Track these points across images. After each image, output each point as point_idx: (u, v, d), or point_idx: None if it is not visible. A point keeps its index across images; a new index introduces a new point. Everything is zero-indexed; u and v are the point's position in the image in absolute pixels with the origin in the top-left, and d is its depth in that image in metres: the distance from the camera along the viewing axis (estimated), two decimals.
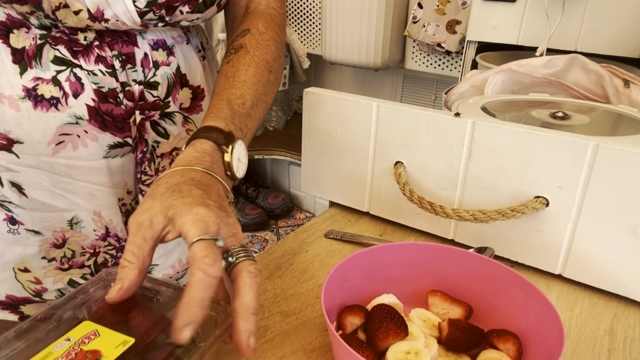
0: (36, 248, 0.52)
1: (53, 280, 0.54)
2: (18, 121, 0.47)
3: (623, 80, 0.78)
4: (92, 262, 0.55)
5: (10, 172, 0.48)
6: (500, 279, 0.44)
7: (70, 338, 0.32)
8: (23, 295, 0.53)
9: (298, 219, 2.18)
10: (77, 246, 0.54)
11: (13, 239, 0.51)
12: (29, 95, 0.47)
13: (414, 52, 1.76)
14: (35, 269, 0.53)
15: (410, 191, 0.58)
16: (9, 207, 0.50)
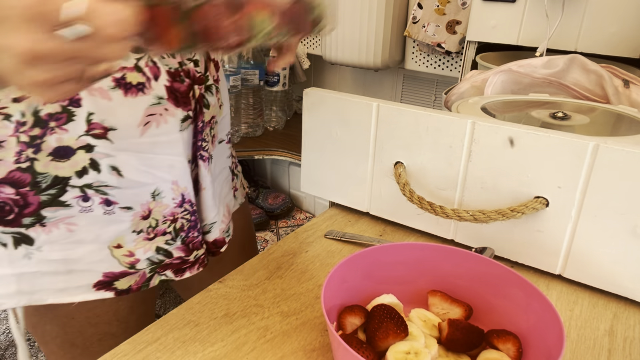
0: (128, 223, 0.57)
1: (143, 250, 0.59)
2: (111, 110, 0.52)
3: (623, 80, 0.78)
4: (172, 228, 0.60)
5: (109, 158, 0.53)
6: (500, 279, 0.44)
7: None
8: (120, 270, 0.58)
9: (298, 219, 2.19)
10: (159, 215, 0.59)
11: (108, 220, 0.56)
12: (118, 84, 0.52)
13: (414, 53, 1.76)
14: (127, 243, 0.58)
15: (410, 191, 0.58)
16: (105, 190, 0.55)
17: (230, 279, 0.55)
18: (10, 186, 0.52)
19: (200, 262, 0.64)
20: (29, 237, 0.54)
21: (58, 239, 0.55)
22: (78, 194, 0.54)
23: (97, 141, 0.52)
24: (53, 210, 0.53)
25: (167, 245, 0.60)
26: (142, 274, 0.60)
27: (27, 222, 0.53)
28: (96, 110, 0.52)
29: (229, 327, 0.47)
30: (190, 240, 0.62)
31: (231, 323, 0.48)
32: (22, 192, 0.52)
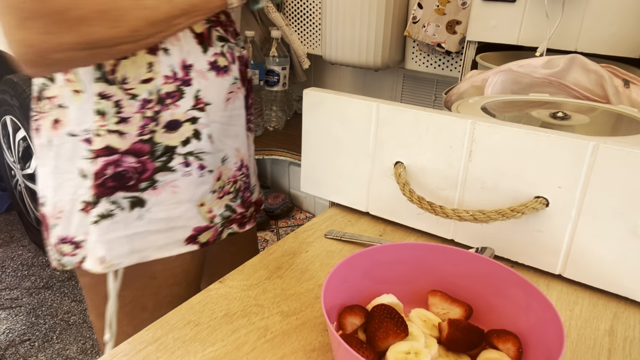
0: (210, 185, 0.68)
1: (217, 207, 0.70)
2: (208, 88, 0.64)
3: (623, 80, 0.78)
4: (234, 189, 0.72)
5: (207, 127, 0.65)
6: (500, 279, 0.44)
7: None
8: (204, 224, 0.69)
9: (298, 219, 2.19)
10: (226, 178, 0.71)
11: (200, 182, 0.66)
12: (212, 67, 0.65)
13: (414, 52, 1.76)
14: (208, 202, 0.68)
15: (410, 191, 0.58)
16: (201, 156, 0.65)
17: (230, 279, 0.55)
18: (133, 156, 0.61)
19: (253, 217, 0.77)
20: (143, 200, 0.63)
21: (164, 200, 0.64)
22: (182, 161, 0.64)
23: (200, 113, 0.64)
24: (163, 174, 0.63)
25: (232, 203, 0.72)
26: (216, 228, 0.70)
27: (143, 186, 0.63)
28: (201, 88, 0.63)
29: (229, 327, 0.47)
30: (246, 198, 0.74)
31: (231, 323, 0.48)
32: (142, 160, 0.62)
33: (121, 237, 0.63)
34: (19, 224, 2.33)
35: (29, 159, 1.93)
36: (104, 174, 0.60)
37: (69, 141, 0.61)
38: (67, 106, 0.60)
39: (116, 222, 0.62)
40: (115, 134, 0.60)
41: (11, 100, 1.83)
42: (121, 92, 0.59)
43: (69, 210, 0.63)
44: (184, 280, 0.71)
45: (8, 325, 1.71)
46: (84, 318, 1.76)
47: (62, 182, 0.63)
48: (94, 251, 0.63)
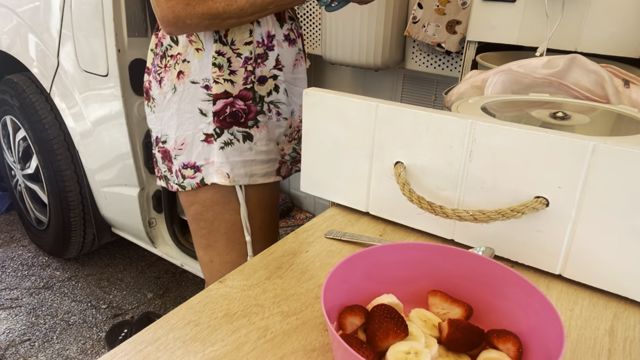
0: (283, 129, 0.92)
1: (287, 147, 0.95)
2: (283, 54, 0.88)
3: (623, 80, 0.78)
4: (297, 136, 0.96)
5: (283, 83, 0.89)
6: (500, 279, 0.44)
7: None
8: (279, 159, 0.93)
9: (298, 219, 2.18)
10: (294, 126, 0.95)
11: (277, 124, 0.91)
12: (285, 39, 0.88)
13: (414, 52, 1.76)
14: (281, 142, 0.93)
15: (410, 191, 0.58)
16: (278, 105, 0.89)
17: (231, 279, 0.55)
18: (241, 100, 0.84)
19: None
20: (251, 135, 0.87)
21: (264, 136, 0.88)
22: (267, 107, 0.88)
23: (279, 72, 0.87)
24: (261, 116, 0.87)
25: (296, 146, 0.96)
26: (287, 165, 0.96)
27: (250, 124, 0.86)
28: (279, 53, 0.87)
29: (229, 327, 0.47)
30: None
31: (231, 323, 0.48)
32: (247, 104, 0.85)
33: (239, 161, 0.87)
34: (19, 224, 2.33)
35: (29, 159, 1.93)
36: (225, 112, 0.84)
37: (191, 87, 0.83)
38: (190, 61, 0.82)
39: (235, 149, 0.86)
40: (229, 82, 0.83)
41: (11, 100, 1.83)
42: (231, 51, 0.82)
43: (190, 142, 0.86)
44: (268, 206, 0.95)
45: (8, 325, 1.71)
46: (84, 318, 1.76)
47: (183, 121, 0.84)
48: (221, 169, 0.86)
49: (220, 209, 0.91)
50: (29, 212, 2.08)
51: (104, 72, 1.45)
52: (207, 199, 0.90)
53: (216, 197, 0.89)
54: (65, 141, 1.72)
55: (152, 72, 0.89)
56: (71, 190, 1.78)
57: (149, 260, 2.10)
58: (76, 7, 1.44)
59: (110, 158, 1.60)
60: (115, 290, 1.92)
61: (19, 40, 1.71)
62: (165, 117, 0.87)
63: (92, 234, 1.90)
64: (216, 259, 0.95)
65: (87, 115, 1.58)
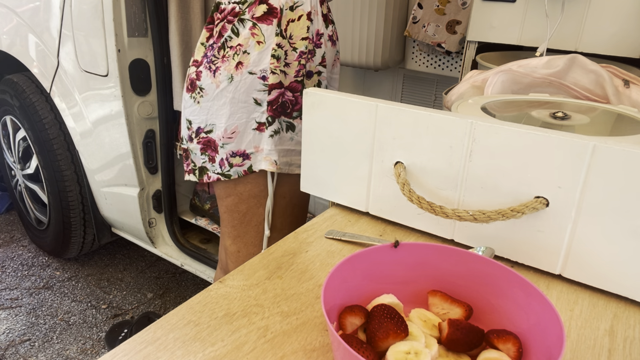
0: None
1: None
2: (327, 53, 0.94)
3: (623, 80, 0.78)
4: None
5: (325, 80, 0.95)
6: (500, 279, 0.44)
7: None
8: None
9: None
10: None
11: None
12: (329, 39, 0.95)
13: (414, 52, 1.76)
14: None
15: (410, 191, 0.58)
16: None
17: (231, 279, 0.55)
18: (290, 91, 0.89)
19: None
20: (294, 125, 0.92)
21: (301, 129, 0.84)
22: None
23: (323, 69, 0.93)
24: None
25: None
26: None
27: (295, 115, 0.91)
28: (325, 51, 0.93)
29: (229, 327, 0.47)
30: None
31: (231, 323, 0.48)
32: (296, 96, 0.90)
33: (283, 149, 0.91)
34: (19, 224, 2.33)
35: (29, 159, 1.93)
36: (278, 101, 0.88)
37: (249, 77, 0.87)
38: (250, 52, 0.87)
39: (281, 138, 0.91)
40: (282, 74, 0.87)
41: (11, 100, 1.83)
42: (288, 44, 0.87)
43: (242, 131, 0.90)
44: (295, 196, 0.99)
45: (8, 325, 1.71)
46: (84, 318, 1.76)
47: (237, 110, 0.88)
48: (269, 156, 0.91)
49: (255, 202, 0.95)
50: (29, 212, 2.08)
51: (104, 72, 1.45)
52: (245, 191, 0.95)
53: (254, 190, 0.95)
54: (65, 141, 1.72)
55: (202, 63, 0.92)
56: (71, 190, 1.78)
57: (149, 260, 2.10)
58: (76, 7, 1.44)
59: (110, 158, 1.60)
60: (115, 290, 1.92)
61: (19, 40, 1.71)
62: (214, 107, 0.91)
63: (92, 234, 1.90)
64: (243, 250, 1.00)
65: (87, 115, 1.58)
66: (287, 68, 0.88)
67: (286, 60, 0.88)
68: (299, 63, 0.88)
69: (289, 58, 0.88)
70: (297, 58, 0.88)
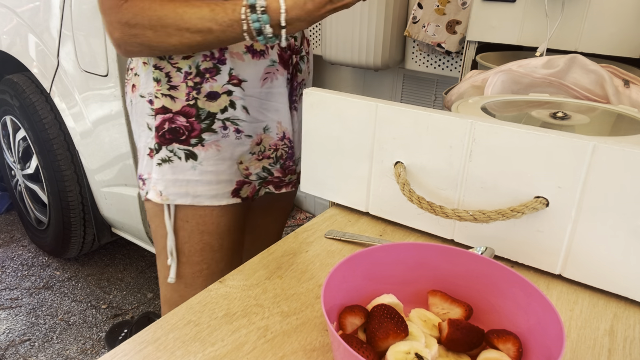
0: (248, 147, 0.83)
1: (254, 167, 0.85)
2: (243, 67, 0.78)
3: (623, 80, 0.78)
4: (274, 155, 0.86)
5: (241, 100, 0.79)
6: (500, 279, 0.44)
7: None
8: (241, 179, 0.84)
9: (298, 219, 2.19)
10: (267, 144, 0.85)
11: (237, 143, 0.81)
12: (248, 50, 0.77)
13: (414, 52, 1.76)
14: (245, 161, 0.84)
15: (410, 191, 0.58)
16: (237, 122, 0.80)
17: (231, 279, 0.55)
18: (183, 116, 0.78)
19: (293, 184, 0.91)
20: (195, 154, 0.79)
21: (211, 156, 0.80)
22: (221, 125, 0.79)
23: (235, 88, 0.78)
24: (208, 134, 0.79)
25: (270, 167, 0.86)
26: (254, 186, 0.86)
27: (193, 142, 0.79)
28: (234, 67, 0.77)
29: (229, 327, 0.47)
30: (287, 166, 0.88)
31: (231, 323, 0.48)
32: (190, 121, 0.78)
33: (178, 179, 0.80)
34: (19, 224, 2.33)
35: (29, 159, 1.93)
36: (163, 128, 0.78)
37: (140, 101, 0.80)
38: (139, 74, 0.80)
39: (174, 167, 0.80)
40: (168, 97, 0.77)
41: (11, 100, 1.83)
42: (169, 65, 0.76)
43: (142, 155, 0.84)
44: (216, 232, 0.85)
45: (8, 325, 1.71)
46: (84, 318, 1.76)
47: (140, 133, 0.83)
48: (156, 186, 0.81)
49: (157, 224, 0.86)
50: (29, 212, 2.08)
51: (104, 72, 1.45)
52: (149, 209, 0.87)
53: (154, 211, 0.86)
54: (65, 141, 1.72)
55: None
56: (71, 190, 1.78)
57: (149, 260, 2.10)
58: (76, 7, 1.44)
59: (110, 158, 1.60)
60: (115, 290, 1.92)
61: (19, 40, 1.71)
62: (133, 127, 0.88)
63: (92, 234, 1.90)
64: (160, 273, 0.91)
65: (87, 115, 1.58)
66: (175, 91, 0.77)
67: (170, 82, 0.76)
68: (187, 85, 0.76)
69: (173, 80, 0.76)
70: (183, 79, 0.76)
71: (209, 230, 0.84)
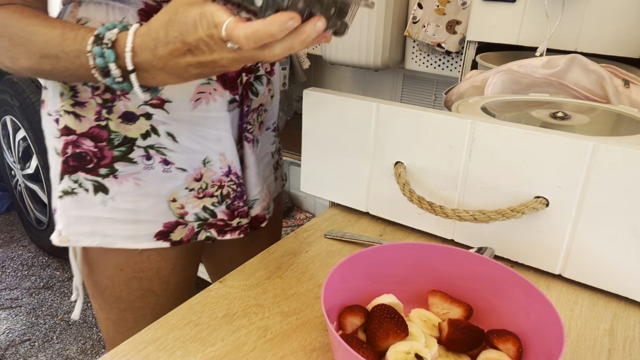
0: (182, 181, 0.66)
1: (192, 205, 0.67)
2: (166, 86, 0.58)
3: (623, 80, 0.78)
4: (219, 193, 0.68)
5: (165, 125, 0.62)
6: (500, 279, 0.44)
7: None
8: (173, 219, 0.67)
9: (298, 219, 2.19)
10: (209, 180, 0.67)
11: (166, 177, 0.64)
12: None
13: (414, 52, 1.76)
14: (180, 198, 0.66)
15: (410, 191, 0.58)
16: (163, 151, 0.63)
17: (231, 279, 0.55)
18: (91, 140, 0.62)
19: (242, 229, 0.71)
20: (105, 187, 0.63)
21: (128, 190, 0.63)
22: (142, 153, 0.62)
23: (155, 110, 0.61)
24: (124, 165, 0.62)
25: (213, 207, 0.69)
26: (191, 228, 0.68)
27: (103, 172, 0.63)
28: None
29: (229, 327, 0.47)
30: (236, 208, 0.70)
31: (231, 323, 0.48)
32: (100, 146, 0.62)
33: (83, 216, 0.64)
34: (19, 224, 2.33)
35: (29, 159, 1.93)
36: (66, 152, 0.62)
37: (48, 120, 0.65)
38: (47, 87, 0.65)
39: (78, 201, 0.63)
40: (72, 115, 0.61)
41: (11, 100, 1.83)
42: None
43: (54, 185, 0.66)
44: (157, 277, 0.69)
45: (8, 325, 1.71)
46: (84, 318, 1.76)
47: (50, 159, 0.67)
48: (56, 223, 0.65)
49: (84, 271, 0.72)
50: (29, 212, 2.08)
51: None
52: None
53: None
54: None
55: None
56: None
57: None
58: None
59: None
60: None
61: None
62: None
63: None
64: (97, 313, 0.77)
65: None
66: (81, 108, 0.61)
67: (76, 97, 0.61)
68: (96, 102, 0.61)
69: (80, 95, 0.60)
70: (91, 95, 0.60)
71: (148, 277, 0.69)
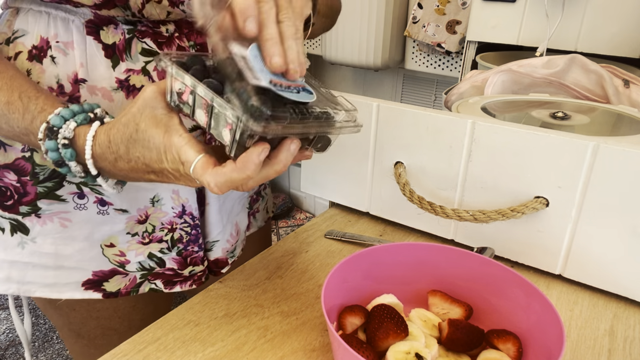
0: (122, 225, 0.57)
1: (135, 253, 0.59)
2: (112, 111, 0.52)
3: (623, 80, 0.78)
4: (169, 238, 0.60)
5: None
6: (500, 279, 0.44)
7: None
8: (109, 267, 0.58)
9: (298, 219, 2.19)
10: (157, 222, 0.58)
11: (102, 220, 0.56)
12: (121, 86, 0.52)
13: (414, 52, 1.76)
14: (120, 244, 0.58)
15: (410, 191, 0.58)
16: (100, 190, 0.54)
17: (231, 279, 0.55)
18: (14, 172, 0.53)
19: (196, 279, 0.63)
20: (25, 226, 0.55)
21: (51, 232, 0.55)
22: (74, 190, 0.54)
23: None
24: (48, 202, 0.54)
25: (161, 254, 0.59)
26: (133, 278, 0.59)
27: (24, 210, 0.54)
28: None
29: (229, 327, 0.47)
30: (189, 254, 0.61)
31: (231, 323, 0.48)
32: (23, 181, 0.53)
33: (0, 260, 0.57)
34: None
35: None
36: None
37: None
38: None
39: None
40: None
41: None
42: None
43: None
44: (116, 316, 0.63)
45: (8, 325, 1.71)
46: None
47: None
48: None
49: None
50: None
51: None
52: None
53: None
54: None
55: None
56: None
57: None
58: None
59: None
60: None
61: None
62: None
63: None
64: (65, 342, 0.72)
65: None
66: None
67: None
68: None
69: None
70: None
71: (105, 316, 0.62)
